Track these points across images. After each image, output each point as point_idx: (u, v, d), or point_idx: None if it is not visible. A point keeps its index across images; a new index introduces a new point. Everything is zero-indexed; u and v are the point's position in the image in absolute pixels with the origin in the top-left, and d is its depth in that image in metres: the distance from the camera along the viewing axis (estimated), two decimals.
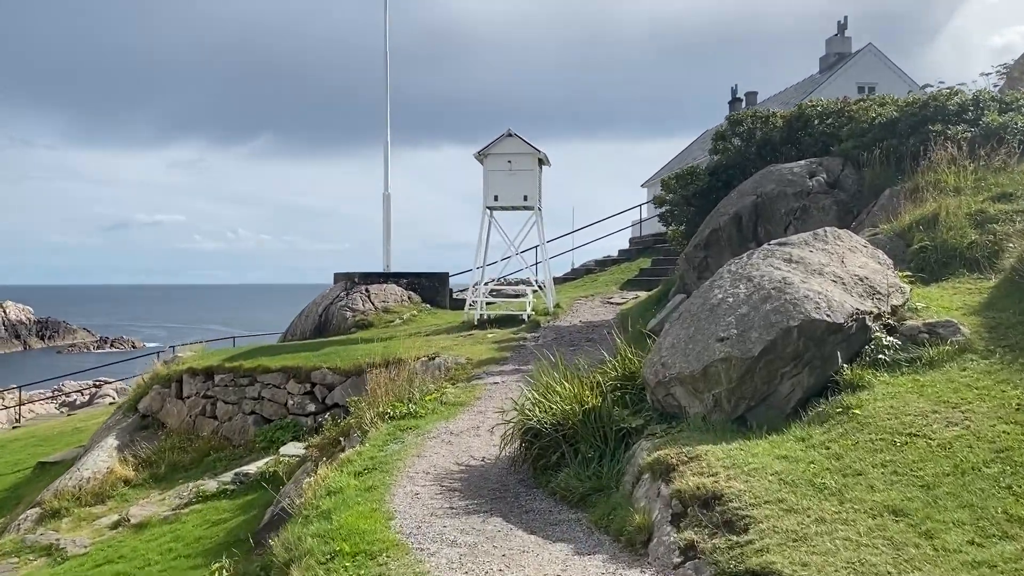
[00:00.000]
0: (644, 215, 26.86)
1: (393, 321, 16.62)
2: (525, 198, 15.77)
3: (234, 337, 25.08)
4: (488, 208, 16.01)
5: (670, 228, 16.24)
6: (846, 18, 32.20)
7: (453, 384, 10.15)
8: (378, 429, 8.01)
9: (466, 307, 15.87)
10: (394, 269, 19.64)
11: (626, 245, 26.65)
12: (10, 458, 15.88)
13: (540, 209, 16.13)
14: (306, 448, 9.74)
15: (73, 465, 12.15)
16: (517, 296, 18.24)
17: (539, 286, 16.87)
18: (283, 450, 10.47)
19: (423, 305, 18.08)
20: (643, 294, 18.64)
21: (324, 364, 12.12)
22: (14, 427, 21.38)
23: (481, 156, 15.79)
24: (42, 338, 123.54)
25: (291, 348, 13.81)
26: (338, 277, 19.05)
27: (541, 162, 16.07)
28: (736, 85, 36.34)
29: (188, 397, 13.17)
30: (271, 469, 10.00)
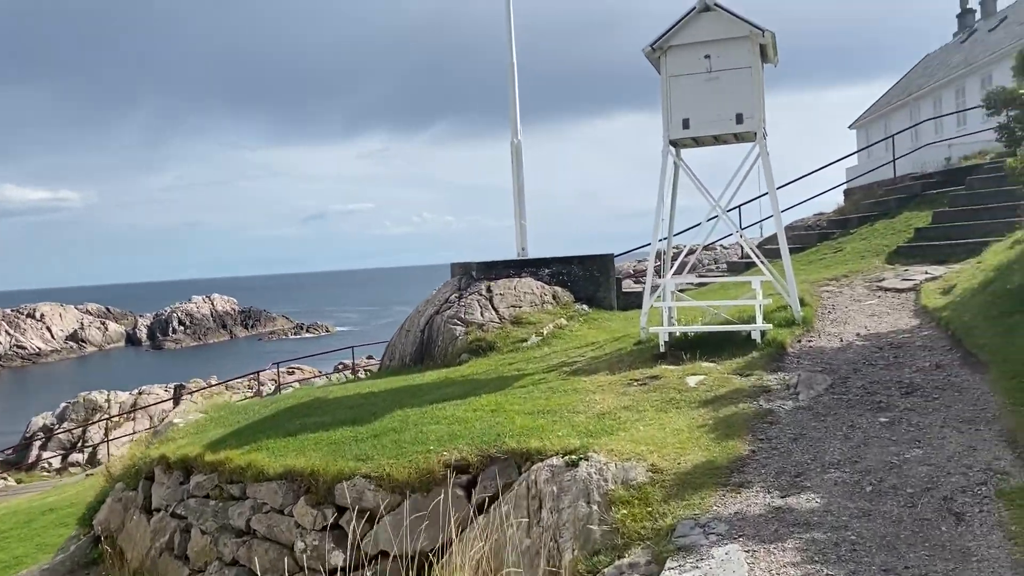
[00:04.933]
0: (898, 153, 18.84)
1: (526, 339, 10.33)
2: (739, 119, 8.83)
3: (352, 347, 19.94)
4: (671, 143, 9.24)
5: (1018, 153, 8.78)
6: None
7: None
8: None
9: (642, 314, 9.29)
10: (538, 253, 13.38)
11: (841, 201, 20.37)
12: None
13: (765, 136, 9.16)
14: None
15: None
16: (727, 279, 11.45)
17: (760, 262, 9.88)
18: None
19: (576, 307, 11.65)
20: (940, 271, 11.21)
21: (361, 467, 6.02)
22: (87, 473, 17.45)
23: (657, 52, 9.02)
24: (246, 326, 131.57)
25: (335, 413, 7.86)
26: (454, 269, 13.04)
27: (764, 51, 9.03)
28: None
29: (157, 511, 7.53)
30: None
